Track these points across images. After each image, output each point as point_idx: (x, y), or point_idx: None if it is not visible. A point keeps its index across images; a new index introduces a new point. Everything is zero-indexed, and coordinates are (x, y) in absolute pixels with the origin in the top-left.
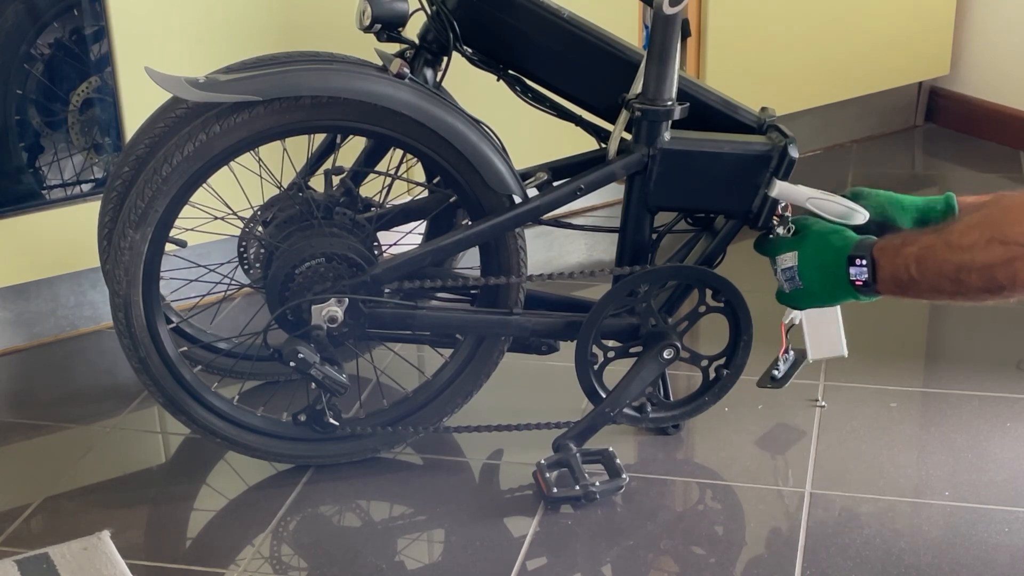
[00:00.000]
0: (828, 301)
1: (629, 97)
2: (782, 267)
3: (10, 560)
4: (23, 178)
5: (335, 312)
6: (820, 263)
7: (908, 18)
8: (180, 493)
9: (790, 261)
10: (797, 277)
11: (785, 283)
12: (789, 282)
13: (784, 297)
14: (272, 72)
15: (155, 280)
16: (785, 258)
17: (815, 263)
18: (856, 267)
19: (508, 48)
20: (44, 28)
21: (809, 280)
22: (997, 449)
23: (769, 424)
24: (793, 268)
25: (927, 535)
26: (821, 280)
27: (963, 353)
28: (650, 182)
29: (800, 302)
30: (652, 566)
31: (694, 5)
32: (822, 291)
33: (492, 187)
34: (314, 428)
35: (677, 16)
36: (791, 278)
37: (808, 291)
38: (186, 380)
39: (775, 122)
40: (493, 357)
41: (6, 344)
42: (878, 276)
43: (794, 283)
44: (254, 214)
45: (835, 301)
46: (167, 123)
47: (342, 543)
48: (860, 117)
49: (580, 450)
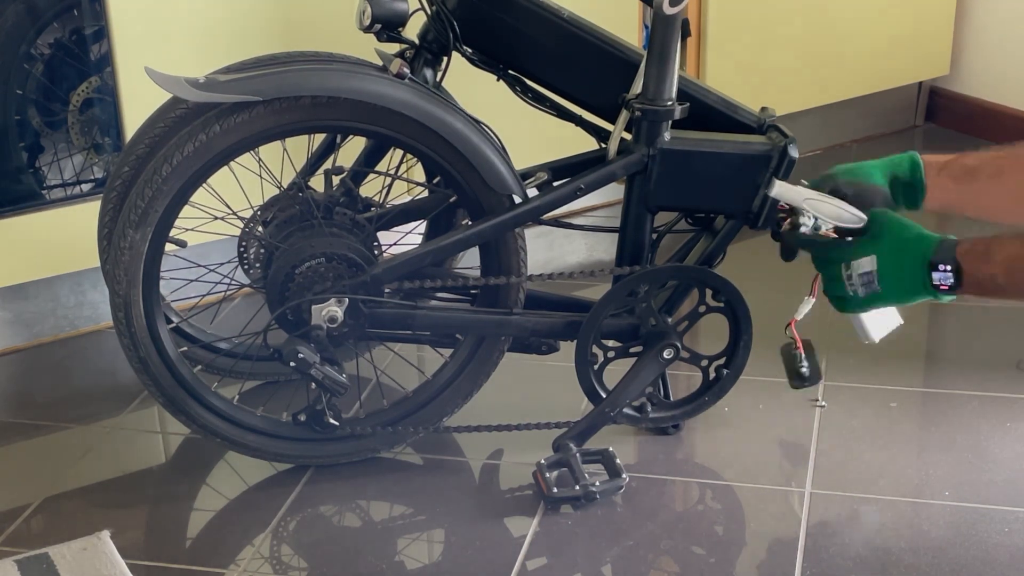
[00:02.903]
0: (904, 302)
1: (629, 97)
2: (859, 272)
3: (10, 560)
4: (23, 178)
5: (335, 312)
6: (901, 267)
7: (908, 18)
8: (180, 493)
9: (868, 266)
10: (876, 282)
11: (861, 288)
12: (866, 287)
13: (853, 302)
14: (272, 72)
15: (155, 280)
16: (863, 263)
17: (896, 267)
18: (940, 272)
19: (508, 48)
20: (44, 28)
21: (888, 284)
22: (997, 449)
23: (769, 424)
24: (871, 273)
25: (927, 535)
26: (901, 284)
27: (963, 353)
28: (650, 182)
29: (872, 305)
30: (652, 566)
31: (694, 5)
32: (901, 294)
33: (492, 187)
34: (314, 428)
35: (677, 16)
36: (868, 283)
37: (885, 294)
38: (186, 380)
39: (775, 122)
40: (493, 357)
41: (6, 344)
42: (964, 281)
43: (871, 288)
44: (254, 214)
45: (911, 301)
46: (167, 123)
47: (342, 543)
48: (860, 117)
49: (580, 450)
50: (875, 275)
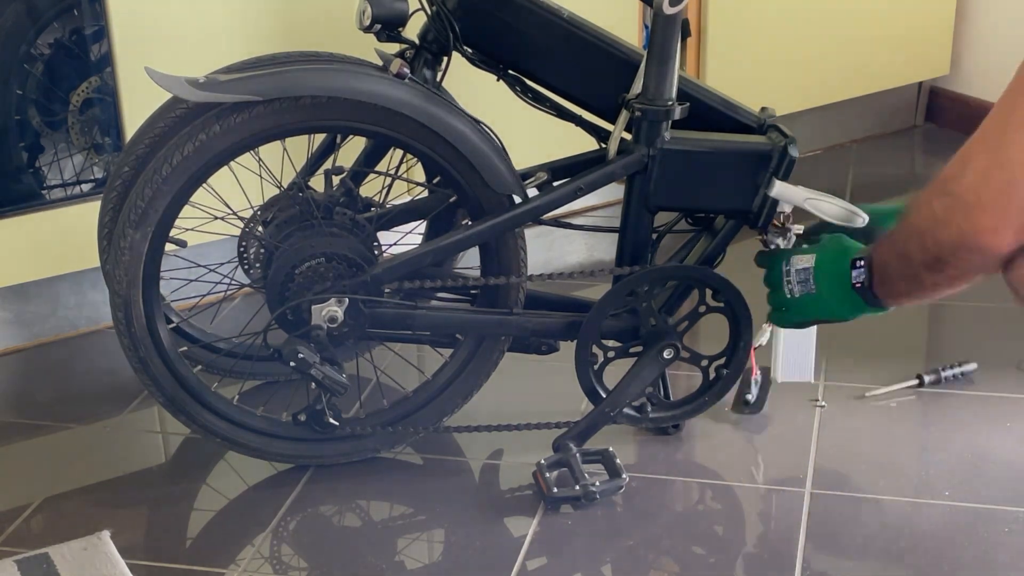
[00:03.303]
0: (837, 312)
1: (629, 97)
2: (796, 267)
3: (10, 560)
4: (23, 178)
5: (335, 312)
6: (832, 264)
7: (908, 18)
8: (180, 493)
9: (806, 262)
10: (812, 279)
11: (797, 286)
12: (802, 284)
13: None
14: (272, 72)
15: (155, 280)
16: (803, 259)
17: (828, 264)
18: (856, 269)
19: (508, 48)
20: (44, 28)
21: (820, 282)
22: (997, 449)
23: (769, 424)
24: (809, 269)
25: (927, 535)
26: (831, 284)
27: (963, 353)
28: (650, 182)
29: (805, 311)
30: (652, 566)
31: (694, 5)
32: (831, 297)
33: (492, 187)
34: (314, 428)
35: (677, 16)
36: (805, 280)
37: (819, 297)
38: (186, 380)
39: (775, 122)
40: (493, 357)
41: (6, 344)
42: (874, 278)
43: (807, 286)
44: (254, 214)
45: (844, 313)
46: (167, 123)
47: (342, 543)
48: (860, 117)
49: (580, 450)
50: (811, 272)
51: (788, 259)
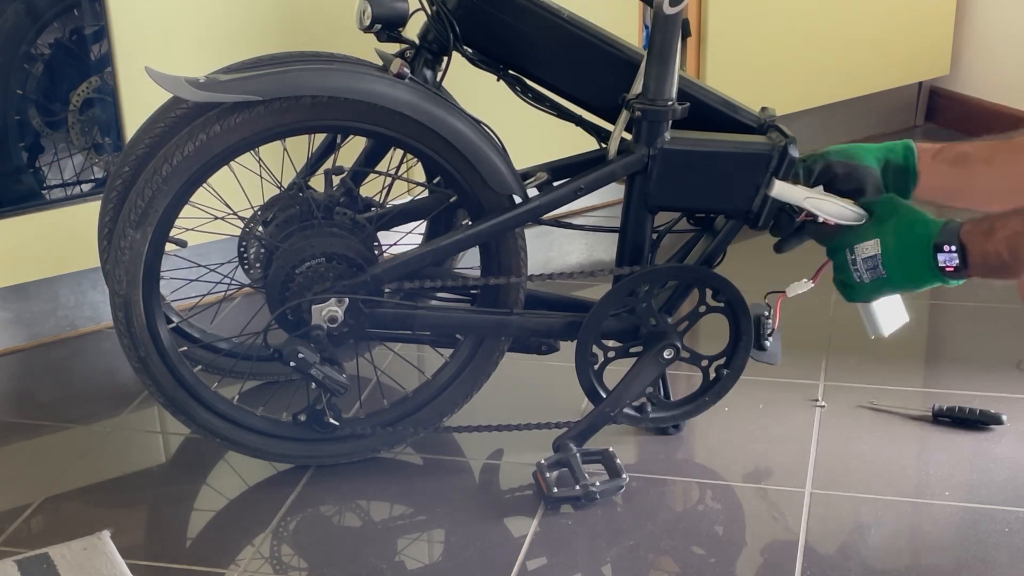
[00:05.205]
0: (911, 288)
1: (629, 97)
2: (863, 256)
3: (10, 560)
4: (23, 178)
5: (335, 312)
6: (905, 249)
7: (908, 18)
8: (180, 493)
9: (872, 250)
10: (880, 266)
11: (866, 272)
12: (871, 271)
13: (859, 289)
14: (272, 72)
15: (155, 280)
16: (866, 246)
17: (900, 250)
18: (945, 253)
19: (508, 48)
20: (44, 28)
21: (893, 268)
22: (997, 449)
23: (769, 424)
24: (876, 256)
25: (927, 535)
26: (906, 268)
27: (963, 353)
28: (650, 182)
29: (879, 292)
30: (652, 566)
31: (694, 5)
32: (906, 279)
33: (492, 187)
34: (314, 428)
35: (677, 16)
36: (874, 267)
37: (891, 279)
38: (186, 380)
39: (775, 122)
40: (493, 357)
41: (6, 344)
42: (969, 262)
43: (876, 272)
44: (254, 214)
45: (920, 287)
46: (167, 123)
47: (342, 543)
48: (860, 117)
49: (580, 450)
50: (880, 259)
51: (852, 248)
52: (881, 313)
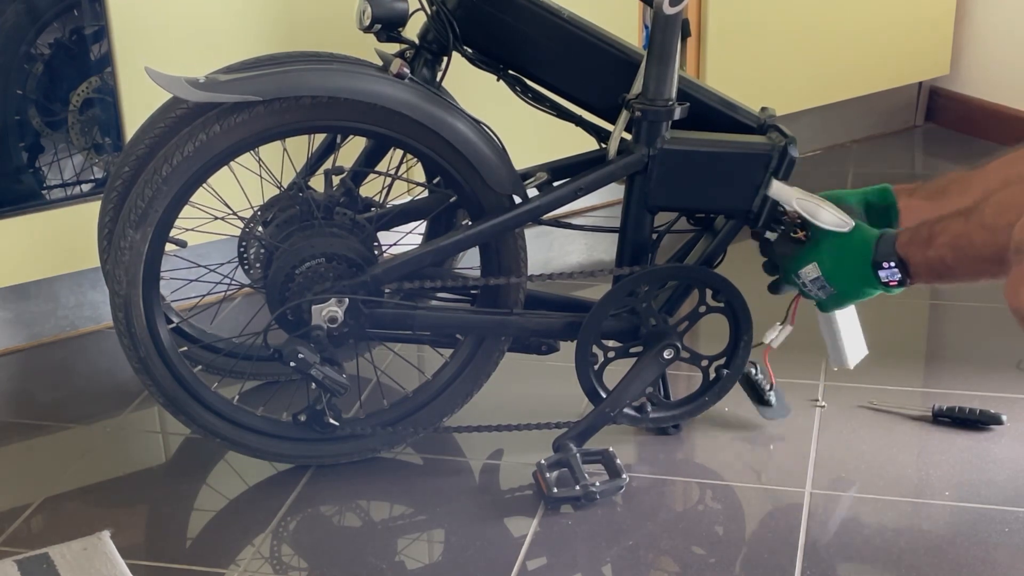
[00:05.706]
0: (862, 297)
1: (629, 97)
2: (809, 279)
3: (10, 560)
4: (23, 178)
5: (335, 312)
6: (844, 268)
7: (908, 18)
8: (180, 493)
9: (813, 272)
10: (827, 284)
11: (819, 291)
12: (822, 290)
13: (823, 304)
14: (272, 72)
15: (155, 280)
16: (807, 270)
17: (838, 268)
18: (886, 270)
19: (508, 48)
20: (44, 28)
21: (839, 283)
22: (997, 449)
23: (769, 424)
24: (819, 278)
25: (927, 535)
26: (851, 283)
27: (963, 353)
28: (650, 182)
29: (841, 303)
30: (652, 566)
31: (694, 5)
32: (852, 289)
33: (492, 187)
34: (314, 428)
35: (677, 16)
36: (822, 286)
37: (843, 292)
38: (186, 380)
39: (775, 122)
40: (493, 357)
41: (6, 344)
42: (911, 272)
43: (826, 290)
44: (254, 214)
45: (869, 295)
46: (167, 123)
47: (342, 543)
48: (860, 117)
49: (580, 450)
50: (823, 280)
51: (796, 274)
52: (849, 345)
